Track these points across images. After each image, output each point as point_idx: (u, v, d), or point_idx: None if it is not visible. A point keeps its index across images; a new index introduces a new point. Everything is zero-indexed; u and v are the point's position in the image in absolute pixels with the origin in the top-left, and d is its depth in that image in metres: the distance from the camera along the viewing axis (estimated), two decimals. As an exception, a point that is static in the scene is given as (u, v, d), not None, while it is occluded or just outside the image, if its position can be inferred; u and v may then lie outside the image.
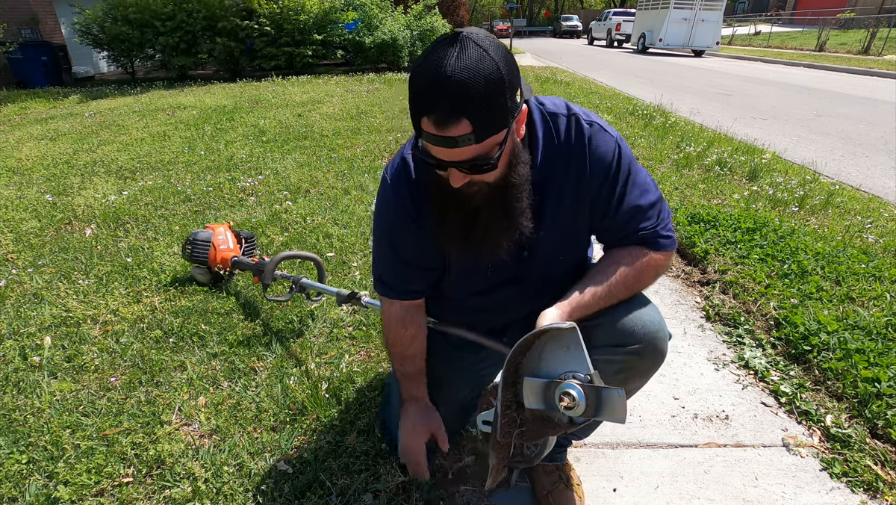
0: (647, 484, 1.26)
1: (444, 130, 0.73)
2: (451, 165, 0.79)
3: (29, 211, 3.00)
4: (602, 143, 0.92)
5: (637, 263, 0.95)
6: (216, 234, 2.10)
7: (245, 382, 1.54)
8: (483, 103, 0.72)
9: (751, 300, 1.97)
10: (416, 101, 0.75)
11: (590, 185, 0.94)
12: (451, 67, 0.70)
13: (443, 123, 0.73)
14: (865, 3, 23.61)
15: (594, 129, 0.92)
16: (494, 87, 0.72)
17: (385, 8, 11.28)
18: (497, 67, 0.72)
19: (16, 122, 6.06)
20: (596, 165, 0.92)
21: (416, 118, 0.76)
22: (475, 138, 0.74)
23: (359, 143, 4.43)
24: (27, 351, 1.70)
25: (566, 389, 0.75)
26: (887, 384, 1.43)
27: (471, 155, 0.77)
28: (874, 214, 2.76)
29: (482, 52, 0.72)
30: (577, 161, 0.92)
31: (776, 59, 14.78)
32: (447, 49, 0.72)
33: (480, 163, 0.78)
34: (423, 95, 0.74)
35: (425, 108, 0.74)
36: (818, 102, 7.21)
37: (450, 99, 0.71)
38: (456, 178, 0.81)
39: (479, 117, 0.73)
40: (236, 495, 1.17)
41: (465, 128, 0.73)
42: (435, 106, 0.72)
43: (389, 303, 1.10)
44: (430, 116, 0.73)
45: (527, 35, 40.06)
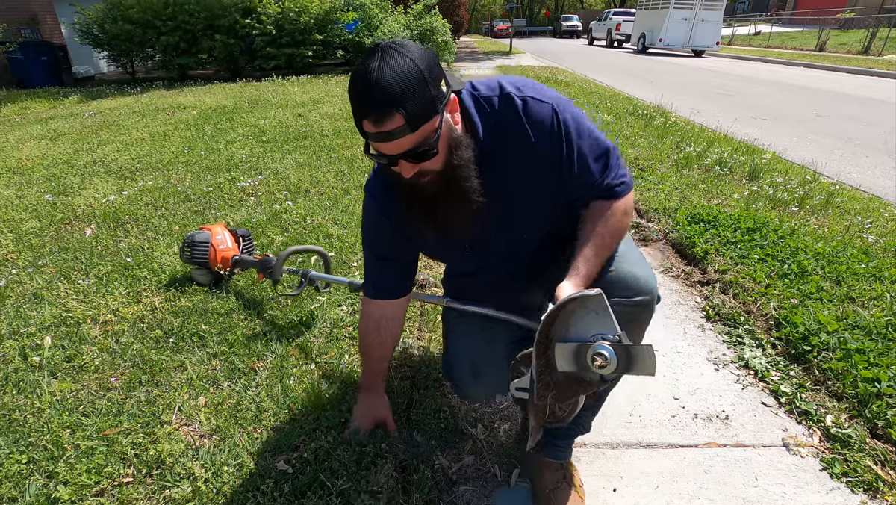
0: (647, 484, 1.26)
1: (381, 126, 0.84)
2: (398, 158, 0.89)
3: (29, 211, 3.00)
4: (537, 111, 0.98)
5: (606, 216, 1.03)
6: (214, 235, 2.08)
7: (245, 382, 1.54)
8: (408, 96, 0.82)
9: (751, 300, 1.97)
10: (355, 107, 0.86)
11: (539, 153, 1.00)
12: (375, 73, 0.82)
13: (379, 121, 0.83)
14: (865, 3, 23.61)
15: (527, 101, 0.98)
16: (415, 80, 0.83)
17: (385, 8, 11.27)
18: (415, 64, 0.83)
19: (16, 122, 6.06)
20: (537, 133, 0.99)
21: (359, 123, 0.87)
22: (410, 128, 0.84)
23: (359, 143, 4.43)
24: (27, 351, 1.70)
25: (598, 350, 0.81)
26: (887, 384, 1.43)
27: (411, 145, 0.87)
28: (874, 214, 2.76)
29: (400, 55, 0.83)
30: (519, 134, 0.99)
31: (776, 59, 14.78)
32: (371, 59, 0.84)
33: (421, 150, 0.88)
34: (358, 100, 0.85)
35: (362, 111, 0.85)
36: (818, 102, 7.21)
37: (379, 98, 0.82)
38: (406, 169, 0.92)
39: (407, 109, 0.83)
40: (236, 495, 1.17)
41: (398, 121, 0.83)
42: (369, 107, 0.83)
43: (369, 303, 1.23)
44: (368, 117, 0.84)
45: (527, 35, 40.07)
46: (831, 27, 18.90)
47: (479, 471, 1.29)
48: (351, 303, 1.98)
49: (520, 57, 16.34)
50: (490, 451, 1.34)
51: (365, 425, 1.30)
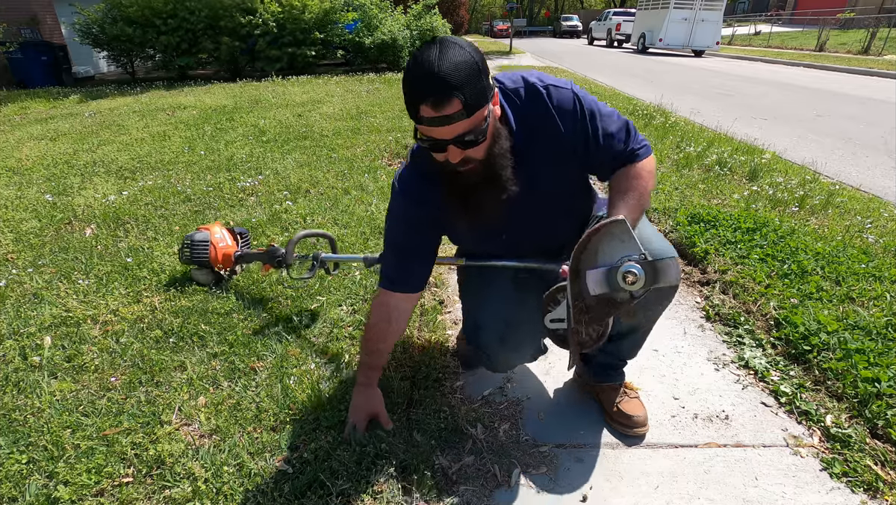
0: (647, 484, 1.26)
1: (441, 111, 0.92)
2: (449, 143, 0.97)
3: (29, 211, 3.00)
4: (560, 96, 1.09)
5: (633, 175, 1.12)
6: (213, 233, 2.08)
7: (245, 382, 1.54)
8: (467, 84, 0.91)
9: (751, 300, 1.97)
10: (414, 93, 0.94)
11: (566, 136, 1.10)
12: (436, 61, 0.90)
13: (438, 105, 0.92)
14: (865, 3, 23.61)
15: (549, 89, 1.09)
16: (473, 71, 0.92)
17: (385, 8, 11.27)
18: (472, 57, 0.93)
19: (16, 122, 6.06)
20: (563, 116, 1.08)
21: (415, 107, 0.95)
22: (466, 113, 0.93)
23: (359, 143, 4.43)
24: (27, 351, 1.70)
25: (628, 269, 0.91)
26: (887, 384, 1.43)
27: (464, 130, 0.95)
28: (874, 214, 2.76)
29: (458, 47, 0.93)
30: (547, 120, 1.09)
31: (776, 59, 14.78)
32: (430, 49, 0.93)
33: (472, 136, 0.96)
34: (418, 86, 0.93)
35: (423, 96, 0.93)
36: (818, 102, 7.21)
37: (440, 84, 0.90)
38: (454, 155, 0.99)
39: (465, 96, 0.91)
40: (236, 495, 1.17)
41: (456, 106, 0.92)
42: (431, 92, 0.91)
43: (386, 295, 1.25)
44: (428, 101, 0.92)
45: (527, 35, 40.05)
46: (831, 27, 18.89)
47: (479, 471, 1.29)
48: (351, 303, 1.98)
49: (520, 57, 16.34)
50: (490, 451, 1.34)
51: (361, 420, 1.32)
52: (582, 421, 1.47)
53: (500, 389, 1.59)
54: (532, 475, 1.28)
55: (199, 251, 2.04)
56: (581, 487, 1.25)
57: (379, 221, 2.70)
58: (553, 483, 1.26)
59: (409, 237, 1.22)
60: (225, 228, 2.15)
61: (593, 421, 1.47)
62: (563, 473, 1.29)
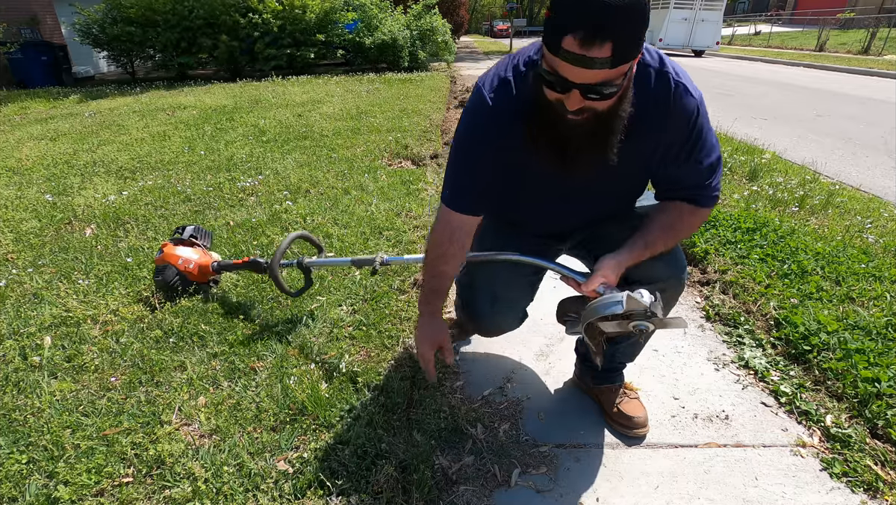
0: (647, 484, 1.26)
1: (588, 50, 0.78)
2: (576, 87, 0.84)
3: (29, 211, 3.00)
4: (684, 102, 0.99)
5: (685, 218, 1.11)
6: (175, 260, 1.93)
7: (245, 382, 1.54)
8: (628, 31, 0.78)
9: (751, 300, 1.97)
10: (564, 18, 0.79)
11: (665, 138, 1.03)
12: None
13: (589, 43, 0.77)
14: (865, 3, 23.61)
15: (680, 89, 0.99)
16: (640, 19, 0.79)
17: (385, 8, 11.27)
18: (645, 3, 0.78)
19: (16, 122, 6.06)
20: (675, 122, 1.01)
21: (558, 36, 0.80)
22: (611, 63, 0.79)
23: (359, 143, 4.43)
24: (27, 351, 1.70)
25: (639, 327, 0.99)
26: (887, 384, 1.43)
27: (601, 79, 0.82)
28: (874, 214, 2.76)
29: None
30: (660, 113, 0.99)
31: (776, 59, 14.78)
32: None
33: (606, 88, 0.84)
34: (574, 11, 0.78)
35: (573, 24, 0.77)
36: (818, 102, 7.21)
37: (601, 17, 0.75)
38: (574, 101, 0.86)
39: (621, 44, 0.78)
40: (236, 495, 1.17)
41: (606, 51, 0.78)
42: (584, 22, 0.76)
43: (449, 213, 1.14)
44: (578, 34, 0.77)
45: (527, 35, 40.03)
46: (831, 27, 18.89)
47: (479, 471, 1.29)
48: (351, 303, 1.98)
49: (520, 57, 16.33)
50: (490, 451, 1.34)
51: (428, 352, 1.23)
52: (582, 421, 1.47)
53: (500, 389, 1.60)
54: (532, 475, 1.28)
55: (180, 282, 1.95)
56: (581, 487, 1.25)
57: (379, 221, 2.71)
58: (553, 483, 1.26)
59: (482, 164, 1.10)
60: (179, 244, 2.01)
61: (593, 421, 1.47)
62: (563, 473, 1.29)
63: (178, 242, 2.04)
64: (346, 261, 1.74)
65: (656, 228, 1.10)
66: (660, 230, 1.09)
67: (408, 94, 7.09)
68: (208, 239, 2.17)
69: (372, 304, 1.97)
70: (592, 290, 1.08)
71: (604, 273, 1.07)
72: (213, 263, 2.02)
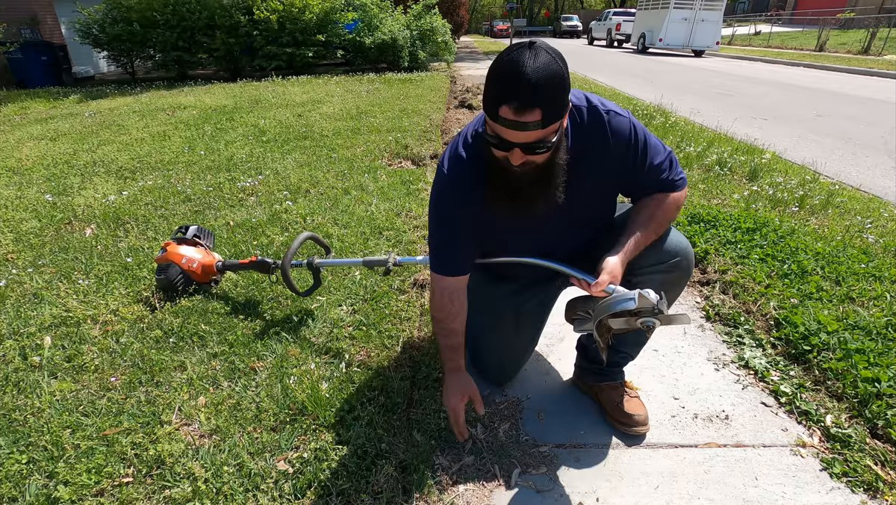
0: (647, 484, 1.26)
1: (520, 116, 0.93)
2: (516, 146, 0.98)
3: (29, 211, 3.00)
4: (617, 123, 1.14)
5: (663, 204, 1.21)
6: (179, 259, 1.94)
7: (245, 382, 1.54)
8: (552, 97, 0.93)
9: (751, 300, 1.97)
10: (497, 92, 0.95)
11: (614, 159, 1.16)
12: (530, 67, 0.91)
13: (521, 110, 0.92)
14: (865, 3, 23.60)
15: (610, 115, 1.14)
16: (561, 85, 0.93)
17: (385, 8, 11.27)
18: (562, 70, 0.94)
19: (16, 122, 6.06)
20: (617, 141, 1.14)
21: (495, 106, 0.95)
22: (542, 125, 0.94)
23: (359, 143, 4.43)
24: (27, 351, 1.70)
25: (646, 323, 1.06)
26: (887, 384, 1.43)
27: (535, 138, 0.97)
28: (874, 214, 2.76)
29: (551, 57, 0.93)
30: (601, 140, 1.14)
31: (776, 59, 14.77)
32: (524, 52, 0.92)
33: (541, 145, 0.98)
34: (505, 87, 0.93)
35: (507, 97, 0.93)
36: (818, 102, 7.21)
37: (529, 91, 0.91)
38: (517, 158, 1.00)
39: (547, 108, 0.93)
40: (236, 495, 1.17)
41: (536, 115, 0.93)
42: (516, 96, 0.92)
43: (440, 279, 1.27)
44: (511, 104, 0.92)
45: (527, 35, 40.00)
46: (831, 27, 18.88)
47: (479, 471, 1.29)
48: (351, 303, 1.98)
49: (520, 57, 16.32)
50: (490, 451, 1.35)
51: (458, 404, 1.28)
52: (582, 421, 1.47)
53: (500, 389, 1.60)
54: (532, 475, 1.28)
55: (183, 281, 1.95)
56: (581, 487, 1.25)
57: (379, 221, 2.71)
58: (553, 483, 1.26)
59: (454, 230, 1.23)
60: (182, 244, 2.01)
61: (593, 421, 1.47)
62: (562, 473, 1.29)
63: (181, 242, 2.04)
64: (358, 261, 1.77)
65: (643, 221, 1.21)
66: (646, 222, 1.20)
67: (408, 94, 7.09)
68: (211, 239, 2.18)
69: (372, 304, 1.97)
70: (601, 290, 1.14)
71: (610, 272, 1.14)
72: (217, 262, 2.02)
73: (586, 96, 1.16)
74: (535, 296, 1.47)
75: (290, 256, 1.78)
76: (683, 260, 1.26)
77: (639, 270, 1.25)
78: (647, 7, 18.33)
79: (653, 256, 1.24)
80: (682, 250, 1.26)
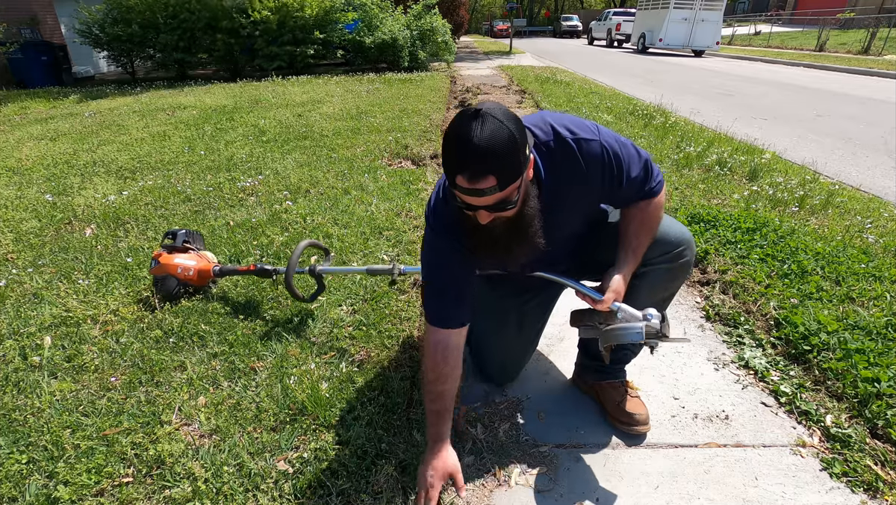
0: (647, 484, 1.26)
1: (475, 184, 0.94)
2: (479, 208, 0.99)
3: (29, 211, 3.00)
4: (589, 149, 1.13)
5: (647, 211, 1.24)
6: (174, 269, 1.92)
7: (245, 382, 1.54)
8: (503, 162, 0.93)
9: (751, 300, 1.97)
10: (450, 163, 0.95)
11: (592, 184, 1.16)
12: (476, 137, 0.91)
13: (473, 180, 0.93)
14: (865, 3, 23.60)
15: (581, 143, 1.13)
16: (510, 148, 0.93)
17: (385, 8, 11.27)
18: (511, 133, 0.93)
19: (16, 122, 6.06)
20: (591, 168, 1.14)
21: (451, 175, 0.96)
22: (499, 188, 0.94)
23: (359, 143, 4.43)
24: (27, 351, 1.70)
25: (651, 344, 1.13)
26: (887, 384, 1.43)
27: (495, 200, 0.97)
28: (874, 214, 2.76)
29: (499, 122, 0.92)
30: (576, 172, 1.14)
31: (776, 59, 14.77)
32: (471, 123, 0.92)
33: (503, 205, 0.99)
34: (456, 159, 0.94)
35: (458, 168, 0.94)
36: (818, 102, 7.21)
37: (478, 161, 0.92)
38: (483, 217, 1.02)
39: (500, 172, 0.93)
40: (236, 495, 1.17)
41: (490, 181, 0.93)
42: (467, 167, 0.93)
43: (435, 331, 1.20)
44: (464, 174, 0.93)
45: (527, 35, 40.04)
46: (831, 27, 18.87)
47: (479, 471, 1.29)
48: (351, 303, 1.98)
49: (520, 57, 16.34)
50: (490, 451, 1.35)
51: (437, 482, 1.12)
52: (582, 421, 1.47)
53: (500, 389, 1.60)
54: (532, 475, 1.28)
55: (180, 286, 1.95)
56: (581, 487, 1.25)
57: (379, 221, 2.71)
58: (553, 483, 1.26)
59: (448, 277, 1.21)
60: (173, 251, 1.98)
61: (593, 421, 1.47)
62: (562, 473, 1.29)
63: (171, 250, 2.00)
64: (362, 269, 1.77)
65: (635, 232, 1.24)
66: (637, 232, 1.24)
67: (408, 94, 7.09)
68: (200, 241, 2.14)
69: (372, 304, 1.97)
70: (607, 307, 1.19)
71: (615, 290, 1.18)
72: (214, 267, 2.01)
73: (552, 126, 1.13)
74: (537, 296, 1.47)
75: (293, 268, 1.76)
76: (688, 249, 1.30)
77: (647, 262, 1.27)
78: (647, 7, 18.33)
79: (658, 248, 1.27)
80: (685, 240, 1.29)
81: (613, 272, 1.21)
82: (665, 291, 1.36)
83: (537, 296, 1.48)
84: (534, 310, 1.49)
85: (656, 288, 1.32)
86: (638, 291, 1.29)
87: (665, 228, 1.29)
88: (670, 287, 1.36)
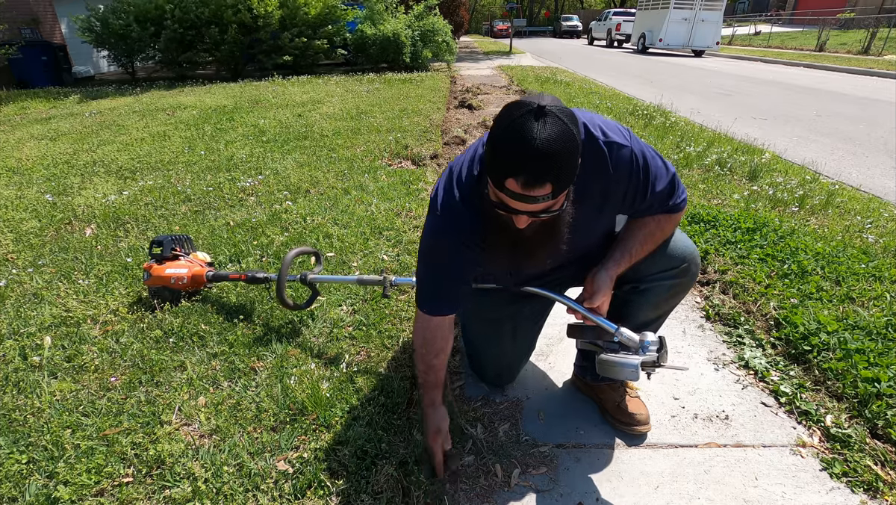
0: (647, 484, 1.26)
1: (529, 191, 0.86)
2: (522, 213, 0.92)
3: (29, 211, 3.00)
4: (620, 155, 1.07)
5: (663, 224, 1.19)
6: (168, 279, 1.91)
7: (245, 382, 1.54)
8: (563, 168, 0.86)
9: (751, 300, 1.97)
10: (502, 165, 0.86)
11: (617, 192, 1.12)
12: (539, 140, 0.82)
13: (529, 186, 0.85)
14: (865, 3, 23.60)
15: (613, 148, 1.07)
16: (572, 155, 0.86)
17: (389, 6, 11.33)
18: (574, 138, 0.85)
19: (16, 122, 6.06)
20: (619, 174, 1.08)
21: (500, 177, 0.87)
22: (552, 196, 0.88)
23: (359, 143, 4.43)
24: (27, 351, 1.70)
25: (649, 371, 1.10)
26: (887, 384, 1.43)
27: (544, 207, 0.91)
28: (874, 214, 2.76)
29: (562, 124, 0.84)
30: (604, 176, 1.08)
31: (776, 59, 14.77)
32: (533, 121, 0.83)
33: (549, 213, 0.93)
34: (512, 161, 0.85)
35: (513, 171, 0.85)
36: (818, 102, 7.21)
37: (537, 167, 0.83)
38: (522, 222, 0.95)
39: (557, 180, 0.86)
40: (236, 495, 1.17)
41: (546, 189, 0.86)
42: (523, 171, 0.84)
43: (427, 318, 1.20)
44: (518, 179, 0.85)
45: (527, 35, 40.03)
46: (831, 27, 18.87)
47: (479, 471, 1.29)
48: (351, 303, 1.98)
49: (520, 57, 16.33)
50: (490, 451, 1.35)
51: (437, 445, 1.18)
52: (582, 421, 1.47)
53: (500, 388, 1.60)
54: (532, 475, 1.28)
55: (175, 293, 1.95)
56: (581, 487, 1.25)
57: (379, 221, 2.71)
58: (553, 483, 1.26)
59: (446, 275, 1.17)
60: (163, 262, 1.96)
61: (593, 421, 1.47)
62: (562, 473, 1.29)
63: (161, 260, 1.96)
64: (352, 279, 1.76)
65: (641, 239, 1.19)
66: (643, 239, 1.19)
67: (408, 94, 7.09)
68: (189, 244, 2.10)
69: (372, 304, 1.97)
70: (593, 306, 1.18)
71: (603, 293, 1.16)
72: (207, 272, 1.99)
73: (585, 126, 1.06)
74: (530, 304, 1.43)
75: (283, 281, 1.72)
76: (692, 265, 1.25)
77: (648, 277, 1.24)
78: (647, 7, 18.33)
79: (662, 262, 1.23)
80: (689, 255, 1.24)
81: (600, 271, 1.16)
82: (665, 306, 1.33)
83: (531, 304, 1.44)
84: (529, 316, 1.46)
85: (656, 305, 1.29)
86: (638, 307, 1.28)
87: (671, 241, 1.23)
88: (671, 303, 1.33)
